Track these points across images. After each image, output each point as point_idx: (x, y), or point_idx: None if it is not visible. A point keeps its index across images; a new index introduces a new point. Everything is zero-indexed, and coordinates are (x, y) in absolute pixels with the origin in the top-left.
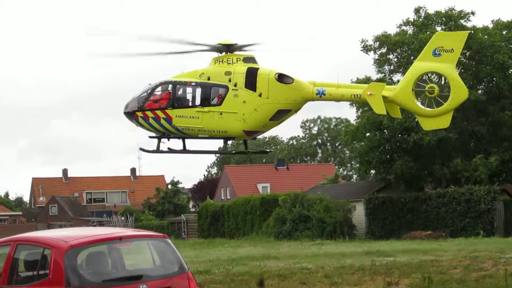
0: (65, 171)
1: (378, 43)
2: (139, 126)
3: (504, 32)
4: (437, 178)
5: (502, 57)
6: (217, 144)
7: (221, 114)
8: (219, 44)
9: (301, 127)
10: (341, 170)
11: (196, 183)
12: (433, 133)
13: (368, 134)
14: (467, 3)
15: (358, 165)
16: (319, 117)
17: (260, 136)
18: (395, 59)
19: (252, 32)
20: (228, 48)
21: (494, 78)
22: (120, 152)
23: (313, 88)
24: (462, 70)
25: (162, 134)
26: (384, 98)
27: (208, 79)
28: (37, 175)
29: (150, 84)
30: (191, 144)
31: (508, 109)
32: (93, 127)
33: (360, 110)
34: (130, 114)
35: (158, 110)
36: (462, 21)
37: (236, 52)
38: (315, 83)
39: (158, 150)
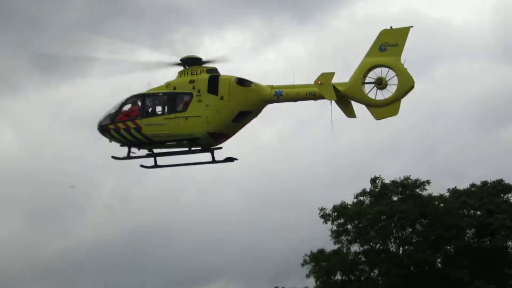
0: None
1: (335, 213)
2: (111, 139)
3: (461, 199)
4: None
5: (458, 222)
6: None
7: (186, 118)
8: (185, 57)
9: None
10: None
11: None
12: None
13: None
14: (422, 172)
15: None
16: None
17: None
18: (353, 230)
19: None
20: (193, 62)
21: (452, 244)
22: None
23: (271, 90)
24: (420, 239)
25: (132, 143)
26: (338, 93)
27: (174, 89)
28: None
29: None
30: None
31: (466, 268)
32: None
33: (320, 280)
34: (103, 128)
35: (129, 121)
36: (418, 190)
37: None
38: (273, 86)
39: (129, 157)
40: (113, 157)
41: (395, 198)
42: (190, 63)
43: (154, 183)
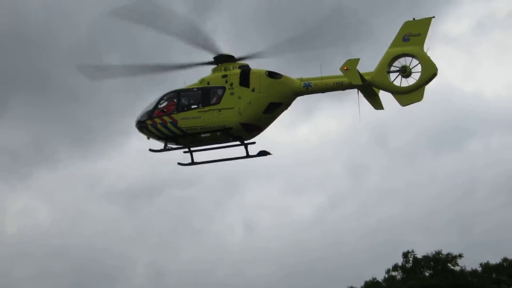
0: None
1: None
2: (148, 134)
3: (493, 275)
4: None
5: None
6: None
7: (219, 111)
8: (218, 55)
9: None
10: None
11: None
12: None
13: None
14: (454, 246)
15: None
16: None
17: None
18: None
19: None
20: (226, 59)
21: None
22: None
23: (301, 82)
24: None
25: (168, 137)
26: (364, 82)
27: (208, 84)
28: None
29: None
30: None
31: None
32: None
33: None
34: (141, 124)
35: (165, 116)
36: (450, 264)
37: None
38: (302, 78)
39: (165, 149)
40: (151, 150)
41: (427, 273)
42: (223, 60)
43: (187, 257)
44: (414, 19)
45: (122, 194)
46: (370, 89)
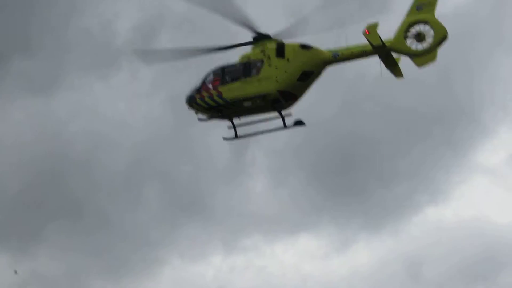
0: None
1: None
2: (197, 108)
3: None
4: None
5: None
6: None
7: (259, 81)
8: (257, 35)
9: None
10: None
11: None
12: None
13: None
14: None
15: None
16: None
17: None
18: None
19: None
20: (263, 38)
21: None
22: None
23: (329, 52)
24: None
25: (214, 108)
26: (384, 47)
27: (249, 58)
28: None
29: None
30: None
31: None
32: None
33: None
34: (191, 99)
35: (212, 90)
36: None
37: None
38: (330, 49)
39: (211, 118)
40: (199, 119)
41: None
42: (261, 39)
43: None
44: None
45: None
46: (390, 57)
